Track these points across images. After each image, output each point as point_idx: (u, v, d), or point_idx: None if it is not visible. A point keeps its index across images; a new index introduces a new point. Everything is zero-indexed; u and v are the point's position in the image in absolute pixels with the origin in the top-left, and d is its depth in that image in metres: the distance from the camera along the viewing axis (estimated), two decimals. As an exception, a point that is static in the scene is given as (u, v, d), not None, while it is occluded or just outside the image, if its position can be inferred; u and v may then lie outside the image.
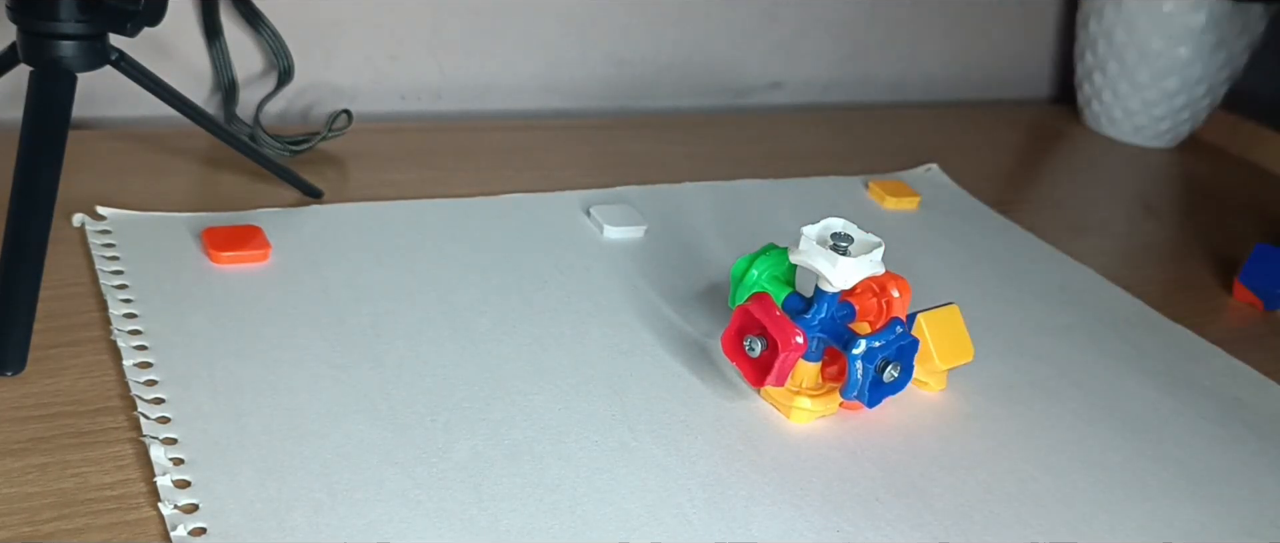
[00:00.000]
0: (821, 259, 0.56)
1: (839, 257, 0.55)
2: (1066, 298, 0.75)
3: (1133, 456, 0.60)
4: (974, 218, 0.86)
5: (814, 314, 0.57)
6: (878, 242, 0.57)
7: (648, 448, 0.54)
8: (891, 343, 0.56)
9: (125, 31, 0.59)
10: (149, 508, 0.46)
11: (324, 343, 0.58)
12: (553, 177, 0.82)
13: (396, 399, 0.55)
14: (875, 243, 0.57)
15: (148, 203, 0.69)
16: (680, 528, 0.50)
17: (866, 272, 0.56)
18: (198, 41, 0.84)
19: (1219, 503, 0.57)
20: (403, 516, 0.48)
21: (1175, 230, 0.91)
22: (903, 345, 0.57)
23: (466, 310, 0.63)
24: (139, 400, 0.52)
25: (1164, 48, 1.03)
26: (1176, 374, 0.68)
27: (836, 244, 0.56)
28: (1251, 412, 0.66)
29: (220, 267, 0.64)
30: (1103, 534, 0.54)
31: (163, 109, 0.67)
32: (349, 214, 0.72)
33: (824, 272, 0.56)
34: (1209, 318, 0.77)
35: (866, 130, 1.02)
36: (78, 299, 0.59)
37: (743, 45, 1.04)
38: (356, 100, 0.91)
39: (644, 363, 0.61)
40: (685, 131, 0.95)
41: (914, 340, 0.58)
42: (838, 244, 0.56)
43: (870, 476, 0.55)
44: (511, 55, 0.95)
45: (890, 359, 0.57)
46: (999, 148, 1.04)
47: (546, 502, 0.50)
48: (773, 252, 0.61)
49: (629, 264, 0.71)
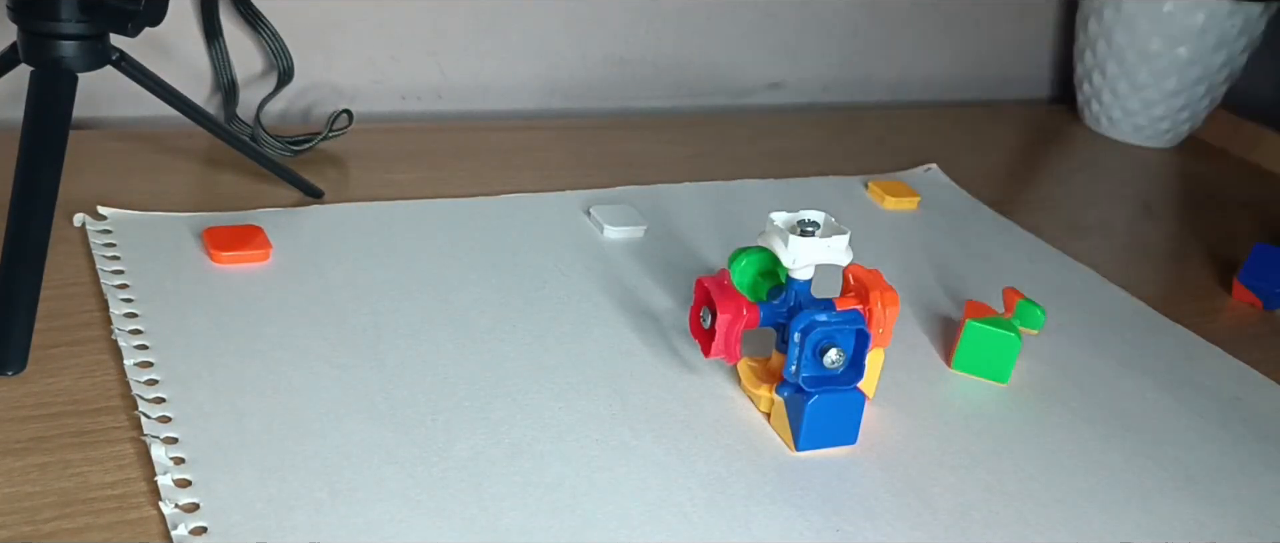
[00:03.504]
0: (778, 240, 0.56)
1: (793, 237, 0.56)
2: (1066, 298, 0.75)
3: (1133, 456, 0.60)
4: (974, 218, 0.86)
5: (782, 302, 0.57)
6: (843, 230, 0.57)
7: (648, 448, 0.54)
8: (838, 325, 0.55)
9: (126, 31, 0.59)
10: (150, 507, 0.46)
11: (324, 342, 0.58)
12: (553, 177, 0.82)
13: (396, 399, 0.55)
14: (840, 231, 0.57)
15: (148, 203, 0.69)
16: (680, 528, 0.50)
17: (824, 257, 0.56)
18: (198, 41, 0.84)
19: (1219, 503, 0.57)
20: (403, 515, 0.48)
21: (1175, 230, 0.91)
22: (850, 332, 0.55)
23: (466, 310, 0.63)
24: (140, 400, 0.52)
25: (1164, 48, 1.03)
26: (1176, 374, 0.68)
27: (803, 230, 0.56)
28: (1251, 412, 0.66)
29: (221, 266, 0.64)
30: (1103, 534, 0.54)
31: (163, 109, 0.67)
32: (349, 214, 0.72)
33: (779, 253, 0.56)
34: (1209, 318, 0.77)
35: (866, 130, 1.02)
36: (78, 299, 0.59)
37: (743, 45, 1.04)
38: (357, 100, 0.91)
39: (644, 363, 0.61)
40: (685, 132, 0.95)
41: (865, 334, 0.55)
42: (804, 230, 0.56)
43: (870, 476, 0.55)
44: (511, 55, 0.95)
45: (835, 344, 0.55)
46: (999, 148, 1.04)
47: (546, 501, 0.50)
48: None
49: (629, 264, 0.71)
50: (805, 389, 0.55)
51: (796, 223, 0.57)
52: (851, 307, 0.57)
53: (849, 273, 0.59)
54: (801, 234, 0.56)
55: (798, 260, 0.56)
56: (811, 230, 0.57)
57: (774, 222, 0.57)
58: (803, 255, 0.56)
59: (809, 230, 0.57)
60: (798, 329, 0.55)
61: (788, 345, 0.55)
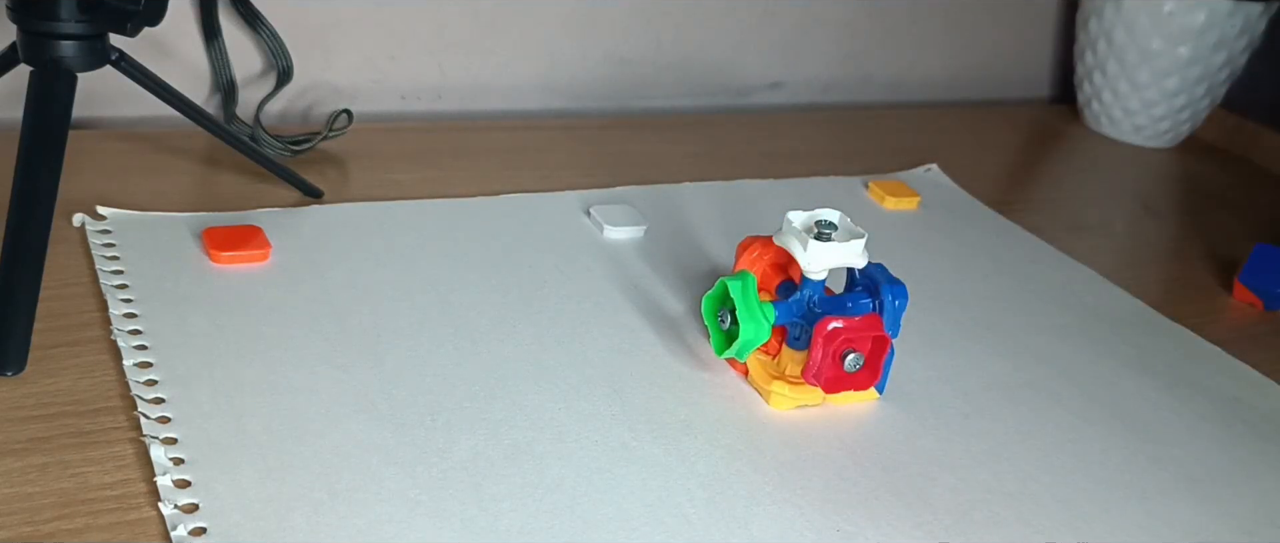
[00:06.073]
0: (795, 242, 0.56)
1: (811, 240, 0.56)
2: (1066, 298, 0.75)
3: (1133, 456, 0.60)
4: (974, 218, 0.86)
5: (796, 301, 0.58)
6: (860, 233, 0.57)
7: (648, 448, 0.54)
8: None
9: (125, 31, 0.59)
10: (149, 508, 0.46)
11: (324, 343, 0.58)
12: (553, 177, 0.82)
13: (396, 399, 0.55)
14: (858, 234, 0.57)
15: (148, 203, 0.69)
16: (680, 528, 0.50)
17: (842, 260, 0.57)
18: (197, 41, 0.84)
19: (1219, 503, 0.57)
20: (403, 516, 0.48)
21: (1175, 230, 0.91)
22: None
23: (466, 310, 0.63)
24: (139, 400, 0.52)
25: (1164, 48, 1.03)
26: (1176, 374, 0.68)
27: (820, 231, 0.56)
28: (1251, 412, 0.66)
29: (220, 267, 0.64)
30: (1103, 534, 0.54)
31: (163, 109, 0.67)
32: (349, 214, 0.72)
33: (797, 255, 0.56)
34: (1209, 318, 0.77)
35: (866, 130, 1.02)
36: (78, 299, 0.59)
37: (743, 45, 1.04)
38: (356, 100, 0.91)
39: (644, 363, 0.61)
40: (685, 131, 0.95)
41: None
42: (822, 231, 0.56)
43: (870, 476, 0.55)
44: (511, 55, 0.95)
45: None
46: (999, 148, 1.04)
47: (546, 502, 0.50)
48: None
49: (629, 264, 0.71)
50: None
51: (814, 223, 0.57)
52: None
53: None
54: (819, 236, 0.56)
55: (817, 264, 0.56)
56: (829, 232, 0.57)
57: (791, 222, 0.57)
58: (822, 259, 0.56)
59: (826, 232, 0.57)
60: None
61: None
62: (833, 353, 0.56)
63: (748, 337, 0.57)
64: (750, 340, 0.57)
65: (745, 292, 0.57)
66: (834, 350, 0.56)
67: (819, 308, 0.58)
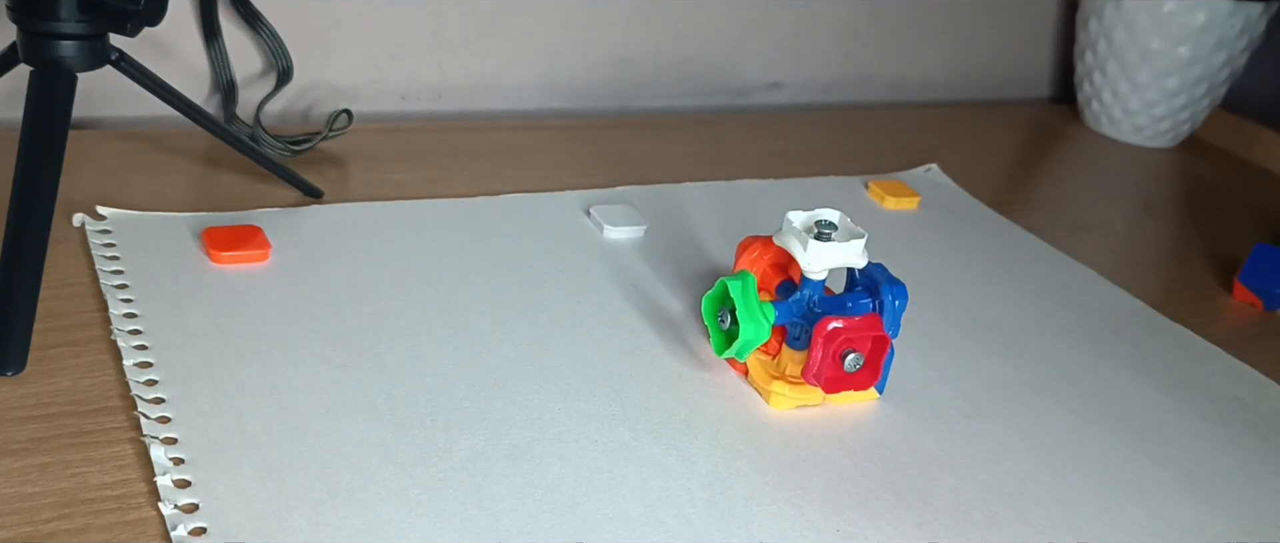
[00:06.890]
0: (795, 242, 0.56)
1: (811, 240, 0.56)
2: (1066, 298, 0.75)
3: (1133, 456, 0.60)
4: (974, 218, 0.86)
5: (796, 301, 0.58)
6: (860, 233, 0.57)
7: (648, 448, 0.54)
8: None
9: (125, 31, 0.59)
10: (149, 508, 0.46)
11: (324, 343, 0.58)
12: (553, 177, 0.82)
13: (396, 399, 0.55)
14: (858, 234, 0.57)
15: (148, 203, 0.69)
16: (680, 528, 0.50)
17: (842, 260, 0.57)
18: (197, 41, 0.84)
19: (1219, 503, 0.57)
20: (403, 516, 0.48)
21: (1175, 230, 0.91)
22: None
23: (466, 310, 0.63)
24: (139, 400, 0.52)
25: (1164, 48, 1.03)
26: (1176, 374, 0.68)
27: (820, 231, 0.56)
28: (1251, 412, 0.66)
29: (220, 267, 0.64)
30: (1103, 534, 0.54)
31: (163, 109, 0.67)
32: (349, 214, 0.72)
33: (797, 255, 0.56)
34: (1209, 318, 0.77)
35: (866, 130, 1.02)
36: (78, 299, 0.59)
37: (743, 45, 1.04)
38: (356, 100, 0.91)
39: (644, 363, 0.61)
40: (685, 131, 0.95)
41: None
42: (821, 231, 0.56)
43: (870, 476, 0.55)
44: (511, 55, 0.95)
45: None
46: (999, 148, 1.04)
47: (546, 502, 0.50)
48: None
49: (629, 264, 0.71)
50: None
51: (814, 223, 0.57)
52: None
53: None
54: (819, 236, 0.56)
55: (817, 264, 0.56)
56: (828, 232, 0.57)
57: (791, 222, 0.57)
58: (822, 259, 0.56)
59: (826, 232, 0.57)
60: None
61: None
62: (833, 353, 0.56)
63: (748, 337, 0.57)
64: (750, 340, 0.57)
65: (745, 292, 0.57)
66: (834, 350, 0.56)
67: (819, 308, 0.58)
